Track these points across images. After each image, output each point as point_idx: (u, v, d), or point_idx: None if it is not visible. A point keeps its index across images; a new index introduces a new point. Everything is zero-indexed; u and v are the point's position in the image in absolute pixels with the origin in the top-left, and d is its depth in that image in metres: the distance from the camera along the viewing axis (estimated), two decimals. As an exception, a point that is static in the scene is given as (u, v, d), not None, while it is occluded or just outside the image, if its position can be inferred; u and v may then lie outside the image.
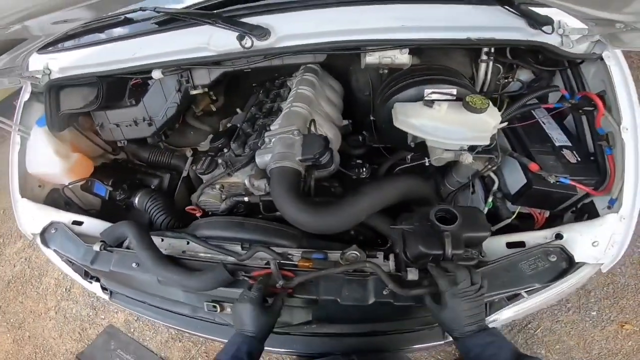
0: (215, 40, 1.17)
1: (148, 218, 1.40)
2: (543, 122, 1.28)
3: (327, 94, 1.47)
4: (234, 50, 1.15)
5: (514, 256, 1.00)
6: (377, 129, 1.48)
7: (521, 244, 1.06)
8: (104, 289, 1.31)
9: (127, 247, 1.16)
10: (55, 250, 1.23)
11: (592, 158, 1.17)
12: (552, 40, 1.15)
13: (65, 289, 2.45)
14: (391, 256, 1.09)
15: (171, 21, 1.21)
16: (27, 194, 1.37)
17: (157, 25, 1.24)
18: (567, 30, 1.14)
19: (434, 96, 1.16)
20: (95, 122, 1.50)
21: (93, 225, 1.25)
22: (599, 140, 1.15)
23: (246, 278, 1.05)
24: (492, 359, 0.73)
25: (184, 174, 1.53)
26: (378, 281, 0.98)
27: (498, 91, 1.41)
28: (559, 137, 1.23)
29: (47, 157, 1.34)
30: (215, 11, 1.14)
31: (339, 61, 1.48)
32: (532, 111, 1.31)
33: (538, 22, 1.13)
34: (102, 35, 1.33)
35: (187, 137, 1.73)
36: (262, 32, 1.11)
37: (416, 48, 1.21)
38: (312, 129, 1.22)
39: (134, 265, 1.08)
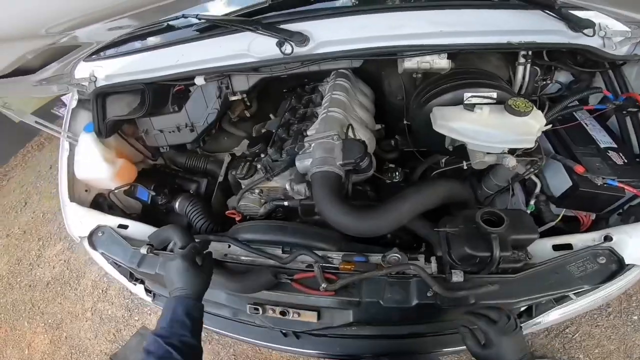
0: (255, 47, 1.20)
1: (187, 222, 1.44)
2: (586, 124, 1.26)
3: (359, 99, 1.48)
4: (274, 57, 1.18)
5: (562, 258, 0.98)
6: (411, 133, 1.48)
7: (568, 247, 1.04)
8: (147, 291, 1.35)
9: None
10: (102, 253, 1.27)
11: (638, 160, 1.14)
12: (594, 42, 1.15)
13: (102, 291, 2.50)
14: (433, 259, 1.08)
15: (212, 28, 1.26)
16: (75, 198, 1.42)
17: (198, 32, 1.28)
18: (609, 33, 1.14)
19: (474, 100, 1.16)
20: (139, 129, 1.56)
21: (137, 229, 1.29)
22: (645, 141, 1.13)
23: (289, 281, 1.06)
24: None
25: (220, 179, 1.56)
26: (421, 283, 0.98)
27: (537, 93, 1.39)
28: (603, 139, 1.21)
29: (96, 162, 1.40)
30: (255, 18, 1.17)
31: (370, 66, 1.49)
32: (574, 113, 1.29)
33: (579, 25, 1.13)
34: (145, 43, 1.39)
35: (221, 143, 1.77)
36: (302, 39, 1.14)
37: (451, 52, 1.22)
38: (350, 133, 1.23)
39: (180, 267, 1.11)
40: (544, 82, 1.39)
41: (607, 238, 1.01)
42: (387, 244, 1.25)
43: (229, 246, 1.22)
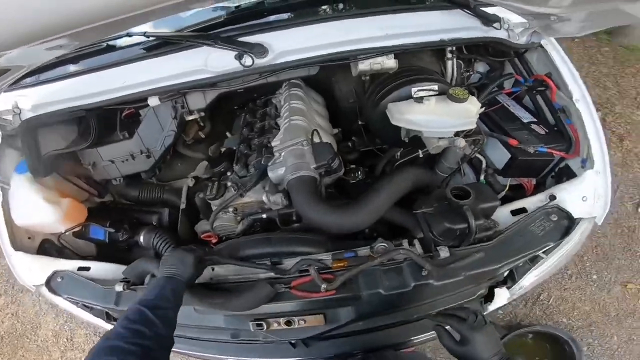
0: (212, 62, 1.18)
1: (154, 254, 1.32)
2: (508, 105, 1.48)
3: (314, 106, 1.54)
4: (234, 70, 1.18)
5: (522, 221, 1.09)
6: (368, 132, 1.57)
7: (524, 210, 1.15)
8: None
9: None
10: (67, 298, 1.13)
11: (555, 129, 1.37)
12: (502, 34, 1.33)
13: (67, 339, 2.32)
14: (416, 241, 1.15)
15: (161, 46, 1.21)
16: (18, 247, 1.23)
17: (144, 51, 1.21)
18: (511, 25, 1.33)
19: (421, 93, 1.29)
20: (85, 162, 1.39)
21: (102, 269, 1.17)
22: (557, 113, 1.36)
23: (287, 290, 1.04)
24: None
25: (182, 205, 1.47)
26: (412, 265, 1.02)
27: (464, 83, 1.60)
28: (524, 115, 1.42)
29: (37, 206, 1.22)
30: (211, 32, 1.16)
31: (320, 74, 1.56)
32: (496, 97, 1.52)
33: (489, 20, 1.31)
34: (80, 66, 1.26)
35: (175, 170, 1.67)
36: (262, 50, 1.16)
37: (397, 52, 1.34)
38: (316, 138, 1.28)
39: (166, 300, 1.02)
40: (468, 73, 1.61)
41: (552, 197, 1.15)
42: (367, 239, 1.31)
43: (213, 269, 1.16)
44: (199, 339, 1.17)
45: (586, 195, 1.13)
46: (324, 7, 1.45)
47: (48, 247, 1.31)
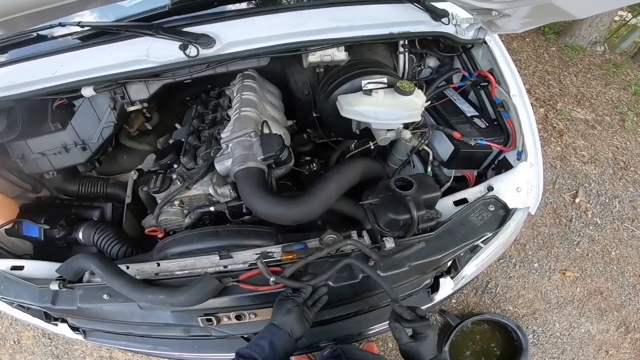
0: (155, 52, 1.13)
1: (97, 251, 1.26)
2: (454, 99, 1.54)
3: (268, 98, 1.52)
4: (178, 60, 1.13)
5: (463, 210, 1.13)
6: (322, 124, 1.58)
7: (465, 201, 1.20)
8: (74, 329, 1.15)
9: (88, 281, 1.04)
10: (1, 299, 1.05)
11: (495, 123, 1.44)
12: (450, 29, 1.38)
13: (14, 342, 2.19)
14: (364, 232, 1.17)
15: (97, 36, 1.13)
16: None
17: (80, 41, 1.13)
18: (459, 21, 1.38)
19: (370, 85, 1.31)
20: (12, 155, 1.28)
21: (37, 268, 1.09)
22: (497, 107, 1.44)
23: (235, 283, 1.03)
24: None
25: (128, 200, 1.40)
26: (361, 257, 1.03)
27: (416, 78, 1.65)
28: (468, 109, 1.49)
29: (-41, 204, 1.10)
30: (154, 22, 1.10)
31: (275, 66, 1.54)
32: (444, 91, 1.57)
33: (438, 15, 1.35)
34: (7, 56, 1.15)
35: (120, 163, 1.58)
36: (208, 41, 1.12)
37: (347, 45, 1.35)
38: (265, 129, 1.26)
39: (105, 297, 0.98)
40: (419, 68, 1.65)
41: (490, 188, 1.19)
42: (319, 231, 1.32)
43: (158, 264, 1.12)
44: (149, 336, 1.13)
45: (520, 186, 1.18)
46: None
47: (-23, 248, 1.20)
